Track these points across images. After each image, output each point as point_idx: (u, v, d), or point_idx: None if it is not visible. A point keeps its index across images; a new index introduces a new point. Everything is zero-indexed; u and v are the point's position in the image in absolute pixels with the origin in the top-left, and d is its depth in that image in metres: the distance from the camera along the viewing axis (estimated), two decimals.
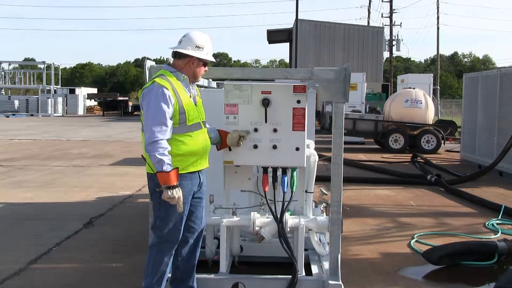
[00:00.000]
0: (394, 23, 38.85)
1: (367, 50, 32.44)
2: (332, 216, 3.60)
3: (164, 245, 3.25)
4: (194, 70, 3.27)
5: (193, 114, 3.22)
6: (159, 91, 3.08)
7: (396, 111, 15.73)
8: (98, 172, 10.25)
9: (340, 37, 32.51)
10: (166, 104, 3.06)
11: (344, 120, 3.56)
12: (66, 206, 6.99)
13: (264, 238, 3.70)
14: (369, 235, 5.73)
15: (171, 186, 3.00)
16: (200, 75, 3.33)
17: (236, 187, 3.82)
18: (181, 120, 3.15)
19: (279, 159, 3.60)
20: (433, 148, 14.80)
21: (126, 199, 7.52)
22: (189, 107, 3.19)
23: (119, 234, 5.60)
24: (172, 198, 3.02)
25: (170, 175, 3.00)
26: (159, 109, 3.05)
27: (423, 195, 8.25)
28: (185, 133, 3.18)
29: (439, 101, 33.67)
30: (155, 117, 3.05)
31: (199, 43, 3.23)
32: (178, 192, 3.03)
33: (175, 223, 3.21)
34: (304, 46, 32.02)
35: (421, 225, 6.20)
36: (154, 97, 3.08)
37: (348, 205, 7.11)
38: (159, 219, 3.22)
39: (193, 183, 3.27)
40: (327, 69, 3.57)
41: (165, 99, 3.07)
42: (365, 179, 9.49)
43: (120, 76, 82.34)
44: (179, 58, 3.26)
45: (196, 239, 3.46)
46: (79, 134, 20.82)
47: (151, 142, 3.03)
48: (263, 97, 3.58)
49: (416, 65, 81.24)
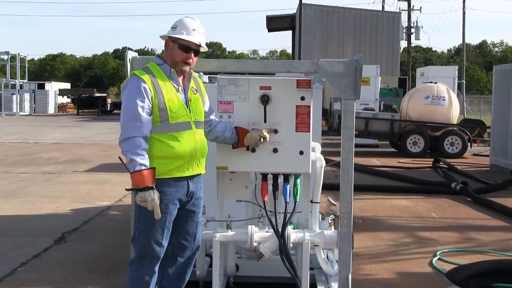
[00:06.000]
0: (412, 7, 38.93)
1: (381, 39, 32.54)
2: (341, 230, 3.61)
3: (144, 260, 3.26)
4: (171, 55, 3.27)
5: (178, 112, 3.23)
6: (134, 84, 3.15)
7: (415, 109, 15.77)
8: (71, 179, 10.24)
9: (350, 24, 32.61)
10: (141, 98, 3.12)
11: (355, 120, 3.58)
12: (34, 220, 6.98)
13: (263, 255, 3.71)
14: (384, 252, 5.74)
15: (144, 188, 3.03)
16: (180, 61, 3.25)
17: (231, 196, 3.83)
18: (163, 117, 3.18)
19: (281, 165, 3.61)
20: (458, 151, 14.83)
21: (104, 210, 7.51)
22: (172, 104, 3.20)
23: (96, 251, 5.60)
24: (144, 201, 3.05)
25: (142, 175, 3.03)
26: (133, 103, 3.11)
27: (447, 205, 8.27)
28: (168, 132, 3.20)
29: (465, 97, 33.77)
30: (129, 112, 3.12)
31: (175, 24, 3.29)
32: (151, 194, 3.05)
33: (155, 235, 3.23)
34: (309, 35, 32.11)
35: (444, 240, 6.21)
36: (129, 91, 3.15)
37: (360, 217, 7.13)
38: (138, 230, 3.25)
39: (179, 191, 3.28)
40: (335, 61, 3.59)
41: (139, 92, 3.12)
42: (379, 187, 9.51)
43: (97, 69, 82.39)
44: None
45: (187, 259, 3.47)
46: (49, 135, 20.78)
47: (124, 139, 3.11)
48: (262, 93, 3.59)
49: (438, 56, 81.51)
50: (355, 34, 32.56)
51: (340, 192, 3.59)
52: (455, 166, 12.12)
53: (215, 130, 3.54)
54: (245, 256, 4.27)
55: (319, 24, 32.51)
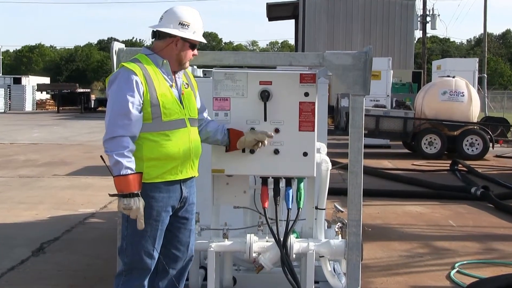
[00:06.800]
0: None
1: (393, 28, 32.57)
2: (349, 239, 3.62)
3: (132, 274, 3.27)
4: (179, 54, 3.30)
5: (172, 108, 3.23)
6: (124, 77, 3.13)
7: (430, 106, 15.78)
8: (51, 184, 10.25)
9: (359, 12, 32.63)
10: (131, 92, 3.10)
11: (364, 118, 3.59)
12: (9, 228, 6.98)
13: (263, 268, 3.72)
14: (397, 264, 5.75)
15: (128, 194, 3.03)
16: (186, 60, 3.35)
17: (227, 202, 3.84)
18: (154, 114, 3.18)
19: (282, 167, 3.62)
20: (479, 153, 14.85)
21: (87, 218, 7.52)
22: (165, 99, 3.21)
23: (79, 263, 5.60)
24: (128, 209, 3.04)
25: (127, 179, 3.02)
26: (122, 98, 3.09)
27: (466, 212, 8.28)
28: (160, 131, 3.20)
29: (487, 92, 33.80)
30: (117, 108, 3.10)
31: (184, 19, 3.26)
32: (136, 202, 3.04)
33: (145, 245, 3.22)
34: (314, 24, 32.13)
35: (463, 251, 6.22)
36: (118, 84, 3.14)
37: (370, 225, 7.14)
38: (126, 240, 3.25)
39: (171, 197, 3.28)
40: (342, 53, 3.60)
41: (130, 86, 3.11)
42: (391, 192, 9.52)
43: (80, 62, 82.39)
44: (159, 39, 3.30)
45: (180, 270, 3.48)
46: (26, 135, 20.79)
47: (109, 139, 3.08)
48: (261, 88, 3.60)
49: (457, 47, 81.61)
50: (364, 23, 32.57)
51: (348, 197, 3.60)
52: (475, 168, 12.14)
53: (206, 130, 3.54)
54: (243, 268, 4.28)
55: (324, 12, 32.53)
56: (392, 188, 9.96)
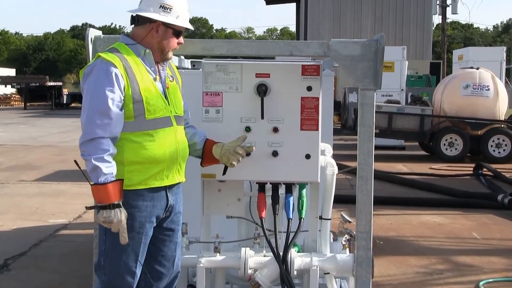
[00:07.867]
0: None
1: (408, 13, 32.64)
2: (358, 254, 3.63)
3: None
4: (160, 42, 3.29)
5: (156, 104, 3.22)
6: (101, 69, 3.11)
7: (451, 101, 15.81)
8: (17, 191, 10.23)
9: None
10: (111, 87, 3.08)
11: (375, 115, 3.60)
12: None
13: (260, 286, 3.73)
14: (413, 281, 5.77)
15: (108, 206, 3.02)
16: (169, 49, 3.33)
17: (219, 211, 3.84)
18: (137, 112, 3.16)
19: (282, 172, 3.63)
20: (506, 155, 14.88)
21: (59, 230, 7.52)
22: (149, 94, 3.20)
23: (49, 281, 5.60)
24: (108, 222, 3.03)
25: (107, 188, 3.01)
26: (101, 94, 3.07)
27: (492, 223, 8.30)
28: (144, 130, 3.19)
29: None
30: (95, 105, 3.07)
31: (166, 2, 3.25)
32: (118, 214, 3.02)
33: (126, 261, 3.22)
34: (318, 8, 32.17)
35: (489, 267, 6.24)
36: (95, 78, 3.11)
37: (382, 238, 7.15)
38: (104, 256, 3.25)
39: (156, 206, 3.28)
40: (350, 42, 3.61)
41: (110, 80, 3.08)
42: (406, 200, 9.54)
43: (50, 51, 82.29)
44: (138, 25, 3.29)
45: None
46: None
47: (87, 141, 3.05)
48: (258, 82, 3.61)
49: (481, 34, 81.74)
50: (375, 7, 32.62)
51: (357, 206, 3.61)
52: (502, 173, 12.17)
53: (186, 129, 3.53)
54: (238, 287, 4.29)
55: None
56: (406, 196, 9.98)
